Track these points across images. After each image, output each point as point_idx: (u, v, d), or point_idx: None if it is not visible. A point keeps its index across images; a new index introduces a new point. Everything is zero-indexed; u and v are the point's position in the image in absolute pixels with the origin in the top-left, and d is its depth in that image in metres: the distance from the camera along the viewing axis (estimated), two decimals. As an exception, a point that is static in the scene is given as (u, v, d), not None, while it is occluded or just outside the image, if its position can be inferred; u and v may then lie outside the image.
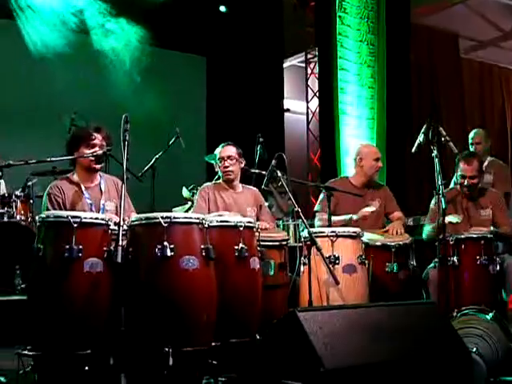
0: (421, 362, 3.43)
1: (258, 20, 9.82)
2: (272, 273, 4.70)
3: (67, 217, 3.68)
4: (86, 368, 3.53)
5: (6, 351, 3.82)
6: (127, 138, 3.91)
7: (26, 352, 3.68)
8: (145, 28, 8.30)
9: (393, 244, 5.14)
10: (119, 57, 7.84)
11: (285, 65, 11.10)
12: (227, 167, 5.20)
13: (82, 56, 7.90)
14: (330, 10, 9.58)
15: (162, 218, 3.70)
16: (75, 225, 3.63)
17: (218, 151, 5.29)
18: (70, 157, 4.43)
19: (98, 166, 4.50)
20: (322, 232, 4.74)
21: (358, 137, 9.40)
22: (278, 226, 5.94)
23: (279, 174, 4.73)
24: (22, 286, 6.07)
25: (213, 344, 3.77)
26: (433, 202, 5.50)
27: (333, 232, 4.69)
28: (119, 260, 3.49)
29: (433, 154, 4.89)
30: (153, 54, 9.09)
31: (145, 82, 7.49)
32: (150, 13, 8.22)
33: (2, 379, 3.67)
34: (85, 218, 3.71)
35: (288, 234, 5.73)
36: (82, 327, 3.60)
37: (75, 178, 4.53)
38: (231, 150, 5.25)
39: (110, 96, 7.84)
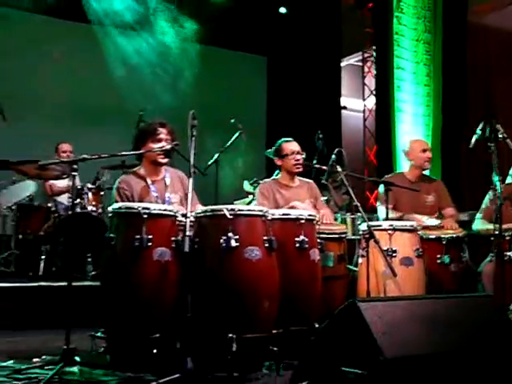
0: (477, 354, 3.36)
1: (317, 21, 9.79)
2: (331, 264, 4.69)
3: (138, 208, 3.73)
4: (155, 351, 3.58)
5: (81, 333, 3.89)
6: (194, 133, 3.93)
7: (99, 334, 3.79)
8: (208, 29, 8.37)
9: (445, 236, 5.05)
10: (184, 57, 7.92)
11: (342, 64, 11.04)
12: (299, 160, 5.21)
13: (149, 57, 8.00)
14: (388, 10, 9.48)
15: (227, 210, 3.73)
16: (145, 216, 3.69)
17: (283, 146, 5.26)
18: (139, 151, 4.47)
19: (164, 161, 4.52)
20: (379, 225, 4.70)
21: (413, 134, 9.28)
22: (335, 219, 5.91)
23: (339, 169, 4.70)
24: (93, 272, 6.22)
25: (274, 331, 3.79)
26: (487, 196, 5.39)
27: (390, 225, 4.64)
28: (186, 249, 3.50)
29: (490, 151, 4.79)
30: (216, 54, 9.19)
31: (209, 80, 7.54)
32: (213, 14, 8.28)
33: (77, 359, 3.75)
34: (154, 209, 3.76)
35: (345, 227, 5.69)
36: (151, 312, 3.66)
37: (142, 171, 4.57)
38: (298, 145, 5.25)
39: (174, 94, 7.93)
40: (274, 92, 10.21)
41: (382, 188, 5.49)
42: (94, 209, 6.79)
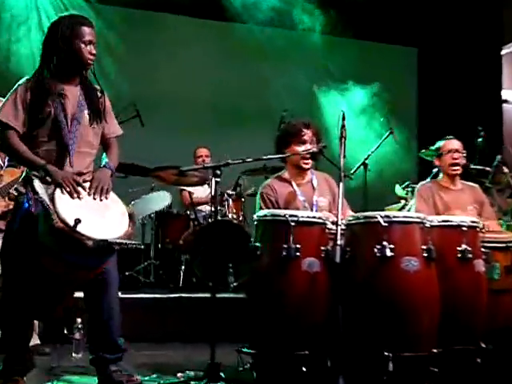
0: None
1: (474, 5, 9.48)
2: (497, 277, 4.50)
3: (284, 215, 3.78)
4: (304, 369, 3.61)
5: (225, 347, 3.99)
6: (344, 134, 3.94)
7: (245, 349, 3.86)
8: (352, 21, 8.37)
9: None
10: (327, 51, 7.97)
11: (503, 52, 10.61)
12: (456, 159, 5.07)
13: (290, 53, 8.11)
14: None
15: (381, 216, 3.71)
16: (293, 223, 3.73)
17: (441, 144, 5.14)
18: (285, 155, 4.53)
19: (307, 166, 4.56)
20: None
21: None
22: (500, 225, 5.69)
23: (505, 170, 4.53)
24: (235, 284, 6.34)
25: (434, 350, 3.71)
26: None
27: None
28: (337, 260, 3.52)
29: None
30: (361, 47, 9.14)
31: (354, 76, 7.51)
32: (358, 7, 8.26)
33: (222, 375, 3.85)
34: (302, 216, 3.80)
35: (512, 235, 5.46)
36: (299, 327, 3.69)
37: (286, 175, 4.63)
38: (459, 144, 5.11)
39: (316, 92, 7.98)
40: (426, 86, 10.01)
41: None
42: (235, 216, 6.95)
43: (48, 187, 3.29)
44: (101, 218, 3.32)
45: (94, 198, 3.41)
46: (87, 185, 3.44)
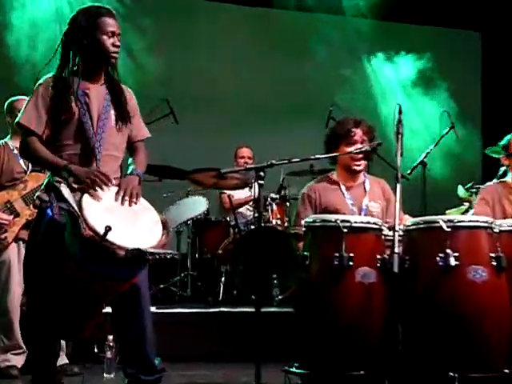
0: None
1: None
2: None
3: (335, 221, 3.77)
4: (359, 391, 3.60)
5: (272, 367, 3.98)
6: (400, 130, 3.90)
7: (293, 369, 3.85)
8: (408, 5, 8.33)
9: None
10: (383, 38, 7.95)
11: None
12: None
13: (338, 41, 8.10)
14: None
15: (444, 221, 3.67)
16: (345, 230, 3.71)
17: (509, 140, 5.02)
18: (334, 154, 4.51)
19: (359, 168, 4.54)
20: None
21: None
22: None
23: None
24: (280, 297, 6.33)
25: (506, 371, 3.65)
26: None
27: None
28: (395, 269, 3.49)
29: None
30: (419, 32, 9.07)
31: (411, 63, 7.48)
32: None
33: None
34: (355, 222, 3.79)
35: None
36: (353, 345, 3.67)
37: (335, 176, 4.62)
38: None
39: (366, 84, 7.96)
40: (491, 75, 9.88)
41: None
42: (280, 222, 6.94)
43: (75, 194, 3.31)
44: (132, 226, 3.33)
45: (123, 204, 3.42)
46: (114, 189, 3.45)
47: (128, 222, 3.33)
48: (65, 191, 3.28)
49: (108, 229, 3.11)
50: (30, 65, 6.78)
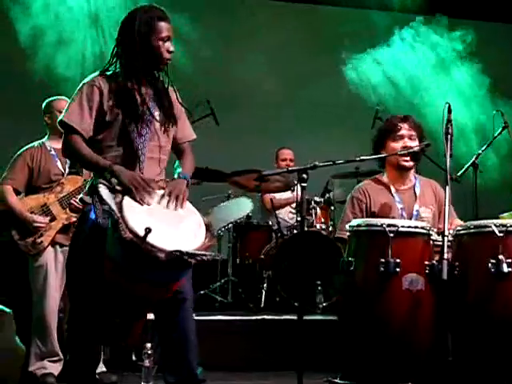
0: None
1: None
2: None
3: (381, 225, 3.74)
4: (407, 403, 3.57)
5: (315, 377, 3.97)
6: (450, 130, 3.86)
7: (337, 380, 3.82)
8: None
9: None
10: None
11: None
12: None
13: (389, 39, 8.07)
14: None
15: (496, 226, 3.63)
16: (391, 234, 3.68)
17: None
18: (381, 155, 4.47)
19: (408, 164, 4.47)
20: None
21: None
22: None
23: None
24: (324, 304, 6.31)
25: None
26: None
27: None
28: (444, 276, 3.46)
29: None
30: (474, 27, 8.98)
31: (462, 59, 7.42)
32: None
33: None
34: (402, 226, 3.75)
35: None
36: (400, 355, 3.64)
37: (384, 178, 4.57)
38: None
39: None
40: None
41: None
42: (324, 227, 6.91)
43: (116, 195, 3.32)
44: (174, 229, 3.33)
45: (167, 208, 3.43)
46: (160, 192, 3.45)
47: (170, 225, 3.34)
48: (104, 192, 3.29)
49: (148, 231, 3.10)
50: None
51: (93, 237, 3.35)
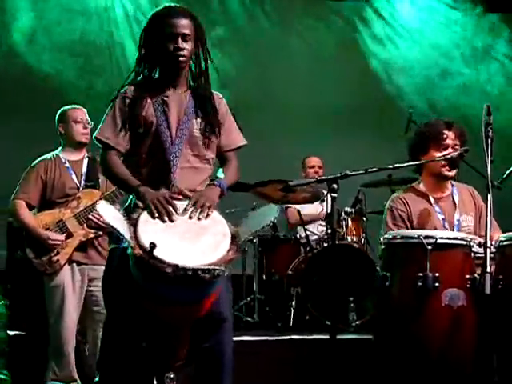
0: None
1: None
2: None
3: (419, 237, 3.75)
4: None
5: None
6: (490, 134, 3.85)
7: (374, 402, 3.84)
8: None
9: None
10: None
11: None
12: None
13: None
14: None
15: (542, 237, 3.61)
16: (429, 247, 3.69)
17: None
18: (417, 162, 4.46)
19: (451, 174, 4.47)
20: None
21: None
22: None
23: None
24: (358, 322, 6.29)
25: None
26: None
27: None
28: (488, 291, 3.44)
29: None
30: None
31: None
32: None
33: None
34: (441, 237, 3.75)
35: None
36: (440, 376, 3.64)
37: (421, 187, 4.55)
38: None
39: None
40: None
41: None
42: (356, 239, 6.89)
43: (137, 211, 3.33)
44: (192, 242, 3.28)
45: (191, 218, 3.40)
46: (181, 204, 3.43)
47: (186, 238, 3.30)
48: (106, 216, 3.28)
49: (152, 245, 3.09)
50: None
51: (124, 259, 3.34)
